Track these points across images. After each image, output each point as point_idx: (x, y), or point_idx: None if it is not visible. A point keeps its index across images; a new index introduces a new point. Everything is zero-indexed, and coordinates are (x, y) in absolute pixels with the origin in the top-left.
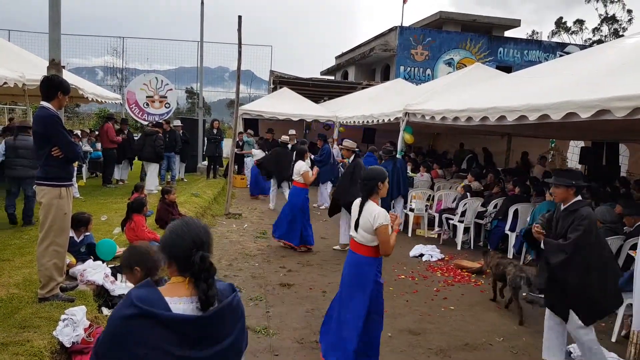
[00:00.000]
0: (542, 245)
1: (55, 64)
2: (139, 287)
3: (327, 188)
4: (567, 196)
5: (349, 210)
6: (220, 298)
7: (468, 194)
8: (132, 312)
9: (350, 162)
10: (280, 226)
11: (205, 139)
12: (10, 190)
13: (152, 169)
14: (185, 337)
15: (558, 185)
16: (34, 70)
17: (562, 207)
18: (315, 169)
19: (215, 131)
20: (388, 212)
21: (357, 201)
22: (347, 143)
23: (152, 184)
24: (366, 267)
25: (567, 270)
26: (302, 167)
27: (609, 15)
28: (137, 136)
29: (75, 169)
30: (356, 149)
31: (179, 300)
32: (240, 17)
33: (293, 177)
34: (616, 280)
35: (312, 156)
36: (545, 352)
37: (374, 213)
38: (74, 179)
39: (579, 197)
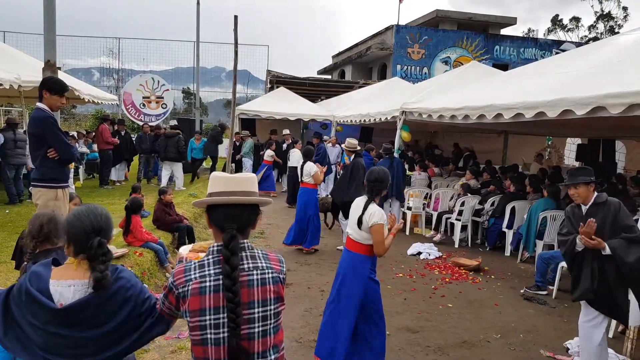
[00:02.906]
0: (605, 251)
1: (50, 65)
2: (40, 264)
3: (328, 188)
4: (588, 194)
5: (343, 210)
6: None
7: (468, 193)
8: (22, 285)
9: (350, 161)
10: (302, 232)
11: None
12: (7, 173)
13: (177, 169)
14: (58, 319)
15: (578, 185)
16: (30, 71)
17: (587, 205)
18: (323, 167)
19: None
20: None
21: (360, 200)
22: (348, 142)
23: (180, 182)
24: (359, 265)
25: None
26: (312, 168)
27: (604, 13)
28: (134, 137)
29: (72, 170)
30: (357, 148)
31: (66, 283)
32: (236, 17)
33: (303, 179)
34: None
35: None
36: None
37: (370, 211)
38: (71, 180)
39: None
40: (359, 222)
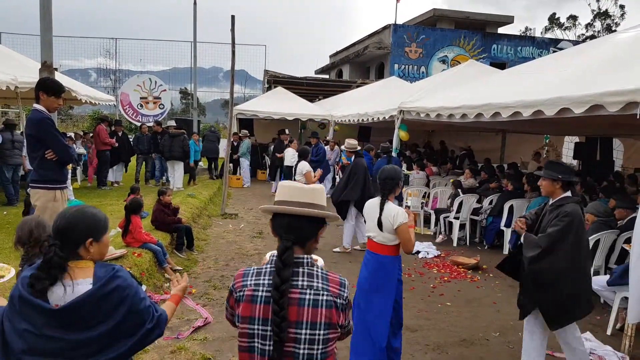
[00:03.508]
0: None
1: (47, 66)
2: (29, 268)
3: (326, 188)
4: (553, 190)
5: (338, 210)
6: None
7: (459, 190)
8: (14, 292)
9: (349, 161)
10: None
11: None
12: (5, 174)
13: (179, 168)
14: (55, 321)
15: (544, 178)
16: (27, 72)
17: (550, 202)
18: (319, 171)
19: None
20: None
21: (375, 201)
22: (348, 143)
23: (179, 181)
24: (389, 267)
25: (538, 265)
26: (305, 167)
27: (601, 11)
28: (131, 137)
29: (70, 171)
30: (357, 149)
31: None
32: (233, 17)
33: (295, 178)
34: (589, 287)
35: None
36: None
37: (393, 212)
38: (69, 181)
39: (568, 193)
40: (379, 224)
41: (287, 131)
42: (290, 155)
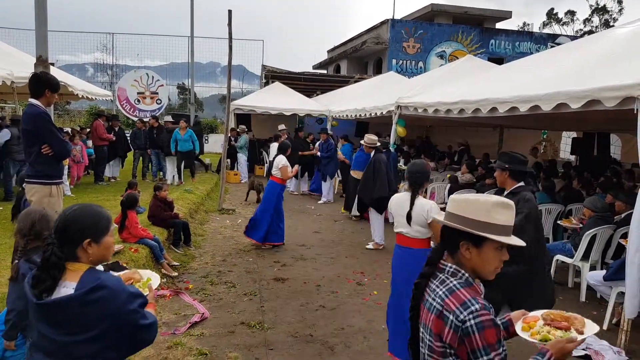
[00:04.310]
0: None
1: (42, 61)
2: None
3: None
4: (504, 180)
5: (376, 207)
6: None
7: (455, 185)
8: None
9: (371, 157)
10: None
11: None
12: (10, 170)
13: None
14: (37, 314)
15: (495, 168)
16: (23, 67)
17: (505, 193)
18: (296, 167)
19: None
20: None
21: (402, 196)
22: (367, 139)
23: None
24: (422, 259)
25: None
26: (280, 161)
27: (599, 6)
28: (128, 133)
29: (66, 166)
30: (377, 144)
31: (62, 284)
32: (230, 11)
33: (272, 172)
34: (544, 280)
35: (319, 153)
36: None
37: (426, 207)
38: (65, 176)
39: (522, 183)
40: (409, 218)
41: (283, 126)
42: (275, 150)
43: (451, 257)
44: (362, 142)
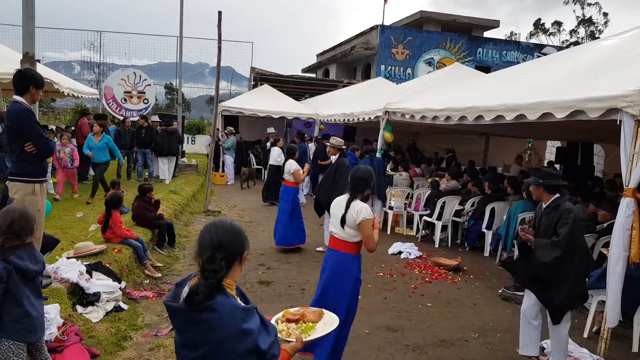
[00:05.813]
0: (533, 246)
1: (29, 58)
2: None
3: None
4: (539, 194)
5: (329, 210)
6: (197, 299)
7: (435, 190)
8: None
9: (335, 160)
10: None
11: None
12: (7, 165)
13: (172, 162)
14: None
15: (529, 183)
16: (8, 63)
17: (544, 206)
18: (307, 166)
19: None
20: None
21: (342, 198)
22: (334, 140)
23: (170, 175)
24: (349, 264)
25: (562, 266)
26: (292, 166)
27: (585, 18)
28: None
29: (50, 165)
30: (342, 147)
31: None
32: (220, 12)
33: (284, 177)
34: (587, 277)
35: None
36: (523, 349)
37: (357, 208)
38: (49, 175)
39: (557, 195)
40: (342, 221)
41: (272, 129)
42: (276, 155)
43: None
44: (327, 142)
